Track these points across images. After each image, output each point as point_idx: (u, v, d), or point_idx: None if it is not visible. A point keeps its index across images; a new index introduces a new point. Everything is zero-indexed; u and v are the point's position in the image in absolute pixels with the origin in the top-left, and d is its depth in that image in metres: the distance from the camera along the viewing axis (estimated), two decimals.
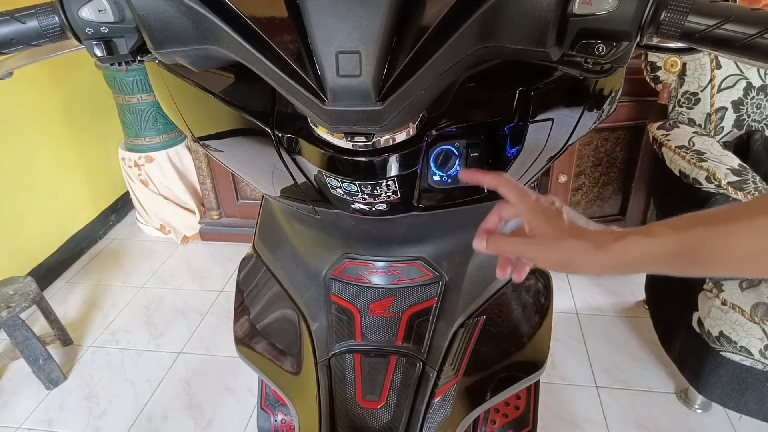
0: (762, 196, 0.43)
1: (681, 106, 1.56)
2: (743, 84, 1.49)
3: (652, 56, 1.54)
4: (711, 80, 1.49)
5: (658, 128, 1.55)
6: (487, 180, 0.50)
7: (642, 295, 1.91)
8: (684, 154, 1.38)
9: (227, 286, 2.15)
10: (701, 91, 1.51)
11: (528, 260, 0.51)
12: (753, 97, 1.51)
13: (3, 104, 1.96)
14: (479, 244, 0.50)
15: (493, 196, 0.56)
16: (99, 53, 0.43)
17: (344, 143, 0.46)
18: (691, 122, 1.55)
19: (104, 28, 0.42)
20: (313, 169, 0.51)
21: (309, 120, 0.48)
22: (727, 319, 1.28)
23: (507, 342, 0.67)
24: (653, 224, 0.44)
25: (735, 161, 1.31)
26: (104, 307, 2.09)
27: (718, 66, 1.49)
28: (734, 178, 1.25)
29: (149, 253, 2.39)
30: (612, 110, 0.59)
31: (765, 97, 1.51)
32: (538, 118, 0.50)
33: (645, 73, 1.58)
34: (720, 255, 0.41)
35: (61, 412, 1.65)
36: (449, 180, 0.52)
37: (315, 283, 0.67)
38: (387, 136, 0.46)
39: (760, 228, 0.39)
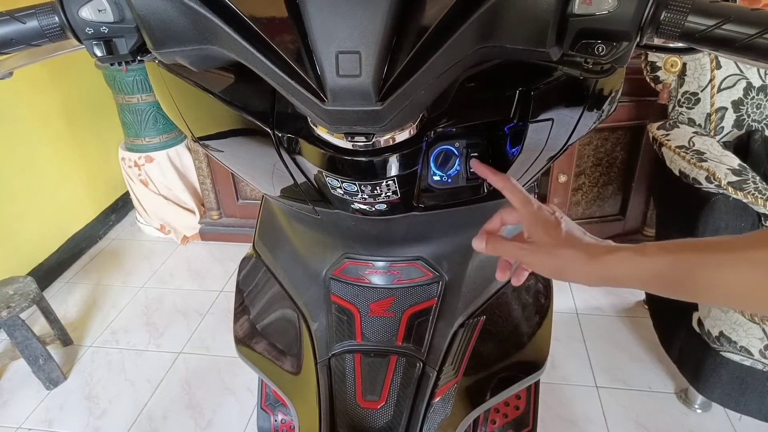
0: (761, 231, 0.43)
1: (681, 106, 1.56)
2: (743, 84, 1.49)
3: (652, 56, 1.54)
4: (711, 80, 1.49)
5: (658, 128, 1.55)
6: (495, 179, 0.52)
7: (642, 295, 1.91)
8: (684, 154, 1.38)
9: (227, 286, 2.15)
10: (701, 91, 1.51)
11: (525, 264, 0.53)
12: (753, 97, 1.51)
13: (3, 104, 1.96)
14: (479, 245, 0.53)
15: (493, 197, 0.56)
16: (99, 53, 0.43)
17: (344, 143, 0.46)
18: (691, 122, 1.55)
19: (104, 28, 0.42)
20: (313, 169, 0.51)
21: (309, 120, 0.48)
22: (727, 319, 1.28)
23: (507, 342, 0.67)
24: (648, 243, 0.45)
25: (735, 161, 1.31)
26: (104, 307, 2.09)
27: (718, 66, 1.49)
28: (734, 178, 1.25)
29: (149, 253, 2.39)
30: (612, 110, 0.59)
31: (765, 97, 1.51)
32: (538, 118, 0.50)
33: (645, 73, 1.58)
34: (711, 284, 0.41)
35: (61, 412, 1.65)
36: (449, 180, 0.52)
37: (315, 283, 0.67)
38: (387, 136, 0.46)
39: (759, 261, 0.39)
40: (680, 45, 0.39)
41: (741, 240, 0.41)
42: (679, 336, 1.48)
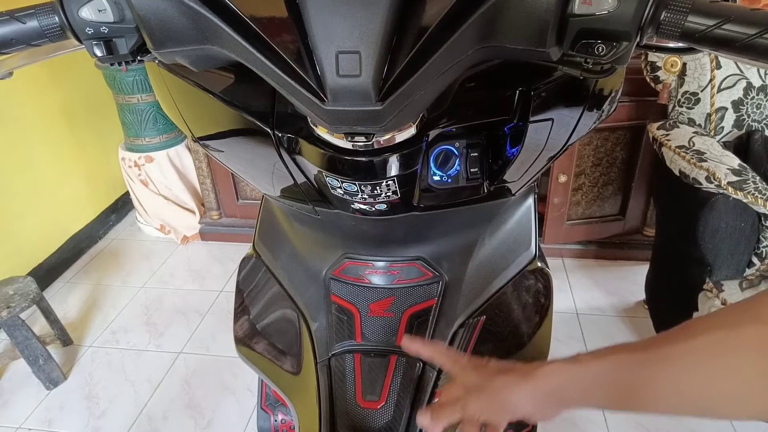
0: (692, 320, 0.39)
1: (681, 106, 1.56)
2: (743, 84, 1.49)
3: (652, 56, 1.54)
4: (711, 80, 1.49)
5: (658, 128, 1.55)
6: (425, 351, 0.55)
7: (642, 295, 1.91)
8: (684, 154, 1.38)
9: (227, 286, 2.15)
10: (701, 91, 1.51)
11: (472, 416, 0.51)
12: (753, 97, 1.51)
13: (3, 104, 1.96)
14: (424, 419, 0.52)
15: (493, 197, 0.57)
16: (99, 53, 0.43)
17: (344, 143, 0.46)
18: (691, 122, 1.55)
19: (104, 28, 0.42)
20: (313, 169, 0.51)
21: (309, 120, 0.48)
22: None
23: (507, 342, 0.67)
24: (581, 353, 0.44)
25: (735, 161, 1.31)
26: (104, 307, 2.09)
27: (718, 66, 1.49)
28: (734, 178, 1.25)
29: (149, 253, 2.39)
30: (612, 110, 0.59)
31: (765, 97, 1.51)
32: (537, 118, 0.50)
33: (645, 73, 1.58)
34: (659, 387, 0.37)
35: (61, 412, 1.65)
36: (449, 180, 0.52)
37: (315, 283, 0.67)
38: (387, 136, 0.46)
39: (701, 348, 0.35)
40: (680, 45, 0.39)
41: (676, 331, 0.38)
42: None
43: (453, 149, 0.50)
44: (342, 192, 0.51)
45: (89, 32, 0.42)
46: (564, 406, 0.45)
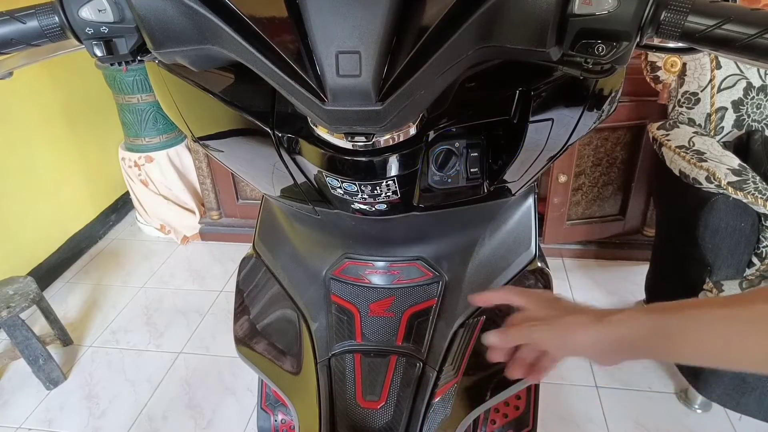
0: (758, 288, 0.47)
1: (681, 106, 1.56)
2: (743, 84, 1.49)
3: (652, 56, 1.54)
4: (711, 80, 1.49)
5: (658, 128, 1.55)
6: (496, 298, 0.57)
7: (642, 295, 1.91)
8: (684, 154, 1.38)
9: (227, 286, 2.15)
10: (701, 91, 1.51)
11: (534, 342, 0.53)
12: (753, 97, 1.51)
13: (3, 104, 1.96)
14: (491, 338, 0.55)
15: (493, 197, 0.56)
16: (99, 53, 0.43)
17: (344, 143, 0.46)
18: (691, 122, 1.55)
19: (104, 28, 0.42)
20: (313, 169, 0.51)
21: (309, 120, 0.48)
22: None
23: None
24: (652, 304, 0.46)
25: (735, 161, 1.31)
26: (104, 307, 2.09)
27: (718, 66, 1.49)
28: (734, 178, 1.25)
29: (149, 253, 2.39)
30: (612, 110, 0.59)
31: (765, 97, 1.51)
32: (538, 118, 0.50)
33: (645, 73, 1.58)
34: (722, 343, 0.41)
35: (61, 412, 1.65)
36: (449, 180, 0.52)
37: (315, 283, 0.67)
38: (387, 136, 0.46)
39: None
40: (680, 45, 0.39)
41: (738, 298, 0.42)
42: None
43: (453, 149, 0.50)
44: (342, 192, 0.51)
45: (89, 32, 0.42)
46: (628, 357, 0.46)
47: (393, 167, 0.48)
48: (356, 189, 0.50)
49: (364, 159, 0.47)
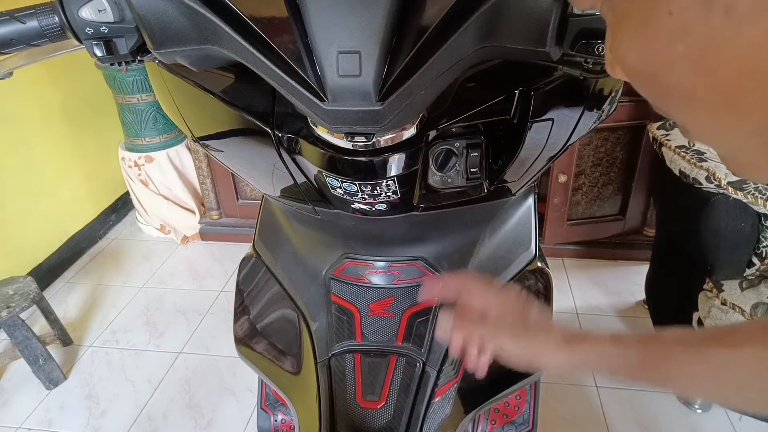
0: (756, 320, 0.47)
1: None
2: None
3: None
4: None
5: (658, 128, 1.55)
6: (448, 293, 0.52)
7: (642, 295, 1.91)
8: (684, 154, 1.38)
9: (227, 286, 2.15)
10: None
11: (497, 349, 0.50)
12: None
13: (3, 104, 1.96)
14: (446, 325, 0.51)
15: (493, 197, 0.56)
16: (99, 53, 0.43)
17: (344, 143, 0.46)
18: None
19: (104, 28, 0.42)
20: (313, 169, 0.51)
21: (309, 120, 0.48)
22: (727, 319, 1.28)
23: None
24: (618, 334, 0.45)
25: None
26: (104, 307, 2.09)
27: None
28: (734, 178, 1.25)
29: (149, 253, 2.39)
30: (612, 110, 0.59)
31: None
32: (538, 117, 0.50)
33: None
34: (683, 378, 0.42)
35: (61, 412, 1.65)
36: (449, 180, 0.52)
37: (315, 283, 0.67)
38: (387, 136, 0.46)
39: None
40: None
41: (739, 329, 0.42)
42: None
43: (453, 149, 0.50)
44: (342, 192, 0.51)
45: (89, 32, 0.42)
46: (587, 374, 0.48)
47: (393, 167, 0.48)
48: (356, 189, 0.50)
49: (364, 159, 0.47)
